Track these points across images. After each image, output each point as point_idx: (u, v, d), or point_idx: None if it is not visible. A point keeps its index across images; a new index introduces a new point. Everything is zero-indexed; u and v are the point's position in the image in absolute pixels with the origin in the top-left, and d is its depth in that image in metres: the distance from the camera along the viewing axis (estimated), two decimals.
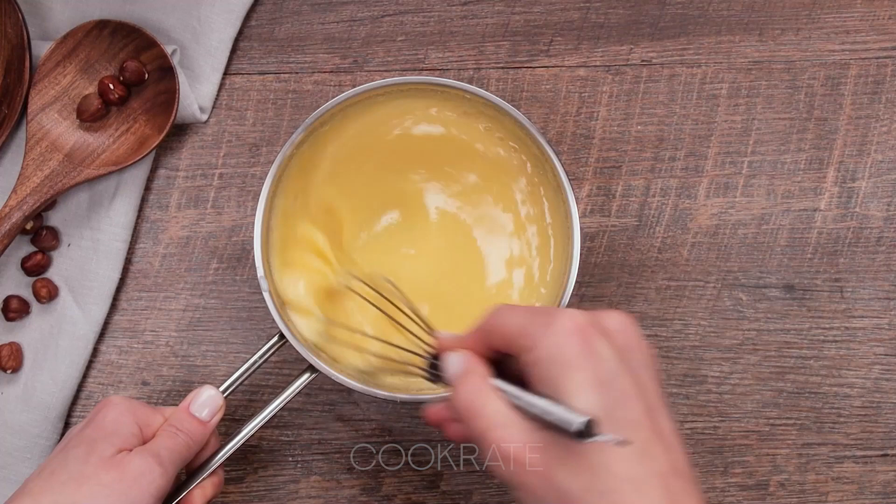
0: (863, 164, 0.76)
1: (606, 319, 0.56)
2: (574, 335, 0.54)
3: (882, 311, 0.76)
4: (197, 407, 0.67)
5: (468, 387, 0.58)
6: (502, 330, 0.57)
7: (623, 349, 0.56)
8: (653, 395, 0.56)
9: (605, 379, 0.54)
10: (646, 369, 0.56)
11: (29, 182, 0.73)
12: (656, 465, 0.53)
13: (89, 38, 0.74)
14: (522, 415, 0.56)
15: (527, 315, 0.57)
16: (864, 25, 0.77)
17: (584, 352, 0.54)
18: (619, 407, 0.54)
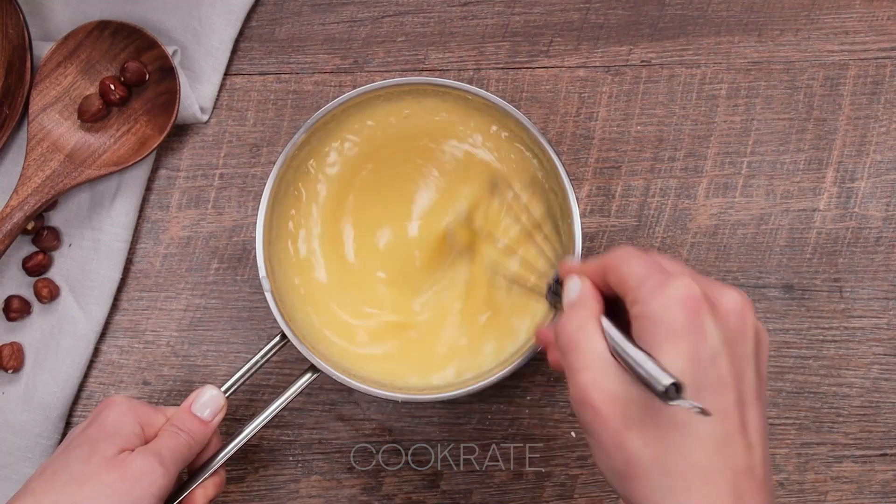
0: (862, 165, 0.76)
1: (723, 297, 0.55)
2: (684, 305, 0.53)
3: (881, 311, 0.76)
4: (199, 407, 0.68)
5: (575, 319, 0.57)
6: (619, 273, 0.56)
7: (732, 332, 0.55)
8: (750, 387, 0.54)
9: (704, 358, 0.53)
10: (751, 359, 0.55)
11: (30, 182, 0.73)
12: (732, 461, 0.52)
13: (90, 39, 0.75)
14: (618, 361, 0.55)
15: (645, 268, 0.55)
16: (862, 26, 0.77)
17: (689, 325, 0.53)
18: (711, 391, 0.53)
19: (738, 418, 0.53)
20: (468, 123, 0.71)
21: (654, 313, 0.53)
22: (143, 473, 0.63)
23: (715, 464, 0.52)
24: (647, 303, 0.54)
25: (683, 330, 0.53)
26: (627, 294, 0.55)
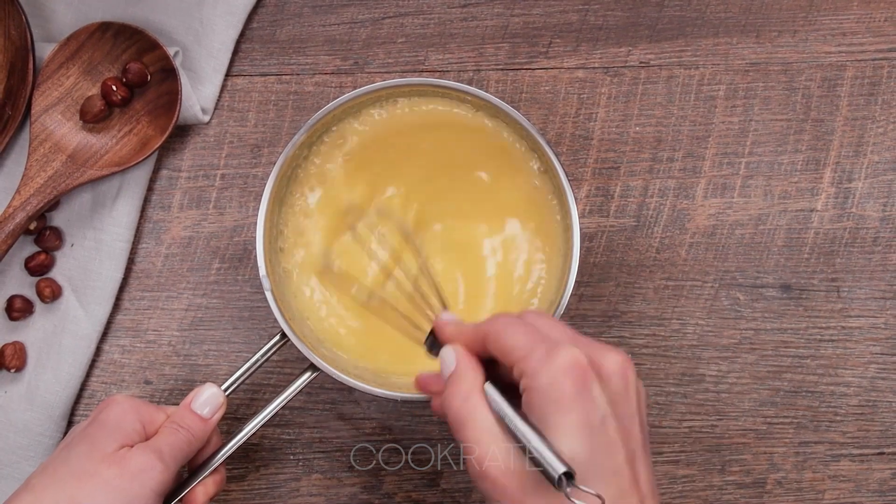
0: (859, 165, 0.77)
1: (605, 360, 0.57)
2: (571, 375, 0.55)
3: (878, 311, 0.76)
4: (199, 404, 0.68)
5: (459, 394, 0.58)
6: (501, 344, 0.58)
7: (616, 394, 0.57)
8: (637, 442, 0.57)
9: (594, 425, 0.55)
10: (634, 416, 0.57)
11: (32, 183, 0.73)
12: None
13: (92, 40, 0.75)
14: (507, 431, 0.56)
15: (528, 338, 0.57)
16: (860, 28, 0.77)
17: (578, 394, 0.55)
18: (603, 454, 0.55)
19: (630, 474, 0.55)
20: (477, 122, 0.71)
21: (542, 386, 0.55)
22: (141, 469, 0.63)
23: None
24: (535, 376, 0.55)
25: (572, 400, 0.55)
26: (513, 365, 0.57)
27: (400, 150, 0.71)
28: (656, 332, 0.76)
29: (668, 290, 0.76)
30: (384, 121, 0.71)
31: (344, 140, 0.71)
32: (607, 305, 0.76)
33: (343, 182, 0.71)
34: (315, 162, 0.71)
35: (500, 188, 0.71)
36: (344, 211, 0.71)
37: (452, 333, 0.61)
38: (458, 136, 0.71)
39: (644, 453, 0.57)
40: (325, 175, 0.71)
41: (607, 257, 0.76)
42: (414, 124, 0.71)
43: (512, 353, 0.57)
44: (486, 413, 0.57)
